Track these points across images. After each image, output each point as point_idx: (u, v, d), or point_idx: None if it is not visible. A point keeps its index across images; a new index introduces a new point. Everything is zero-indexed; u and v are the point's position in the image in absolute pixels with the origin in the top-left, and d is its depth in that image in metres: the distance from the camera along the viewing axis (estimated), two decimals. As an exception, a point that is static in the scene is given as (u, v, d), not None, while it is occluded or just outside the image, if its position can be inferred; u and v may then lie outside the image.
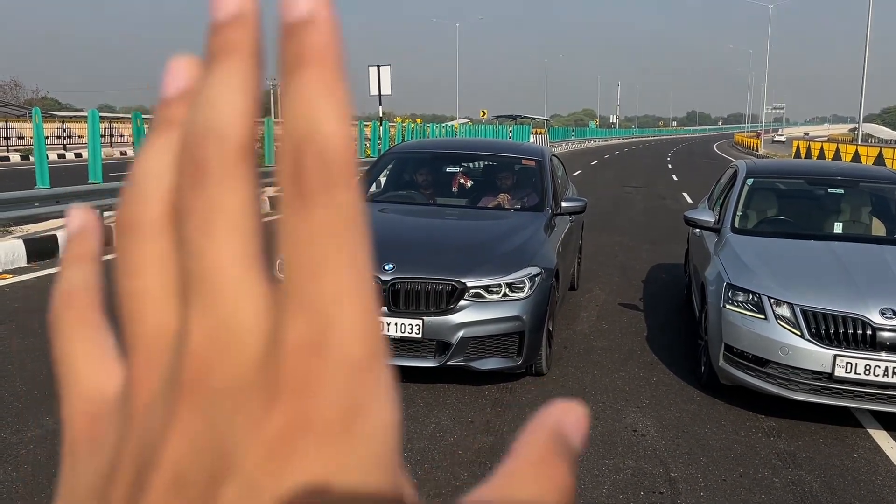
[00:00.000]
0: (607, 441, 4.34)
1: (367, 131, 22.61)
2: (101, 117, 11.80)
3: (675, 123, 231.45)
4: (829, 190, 6.41)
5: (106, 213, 10.78)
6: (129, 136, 31.22)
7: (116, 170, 19.23)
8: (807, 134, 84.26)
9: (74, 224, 0.24)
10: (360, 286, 0.19)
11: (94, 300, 0.23)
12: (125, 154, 31.71)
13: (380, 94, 21.77)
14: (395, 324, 4.81)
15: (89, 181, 11.00)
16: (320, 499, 0.18)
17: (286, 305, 0.19)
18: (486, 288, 4.91)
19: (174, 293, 0.20)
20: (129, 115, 16.01)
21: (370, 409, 0.18)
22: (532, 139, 43.32)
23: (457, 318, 4.82)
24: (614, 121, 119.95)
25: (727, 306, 4.88)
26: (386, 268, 4.88)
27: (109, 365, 0.22)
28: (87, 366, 0.22)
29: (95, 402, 0.22)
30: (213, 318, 0.19)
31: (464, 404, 4.78)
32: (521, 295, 4.97)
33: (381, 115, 23.07)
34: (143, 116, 12.69)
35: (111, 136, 37.80)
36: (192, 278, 0.19)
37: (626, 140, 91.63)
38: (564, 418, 0.22)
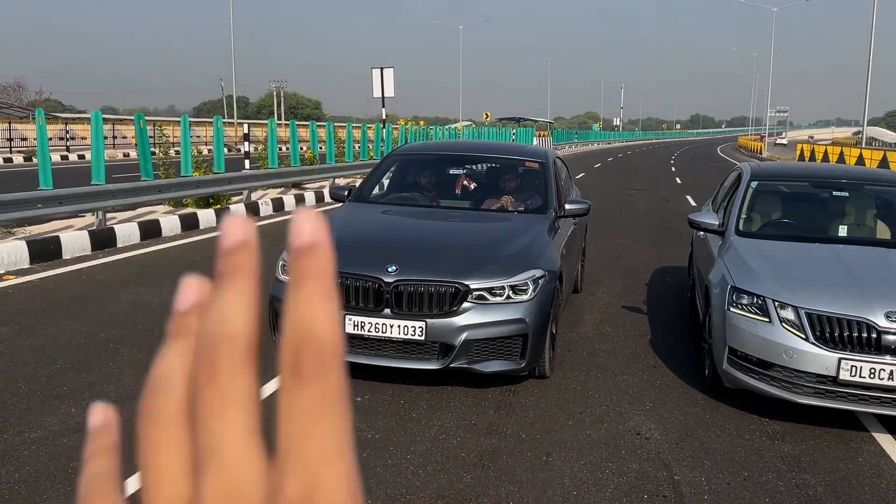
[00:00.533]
0: (611, 444, 4.32)
1: (371, 133, 22.60)
2: (104, 119, 11.80)
3: (678, 126, 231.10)
4: (834, 193, 6.39)
5: (109, 216, 10.79)
6: (132, 137, 31.25)
7: (119, 171, 19.26)
8: (811, 137, 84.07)
9: (96, 420, 0.28)
10: (343, 450, 0.24)
11: (116, 487, 0.27)
12: (128, 155, 31.76)
13: (383, 97, 21.76)
14: (399, 326, 4.80)
15: (92, 183, 11.00)
16: None
17: (283, 466, 0.24)
18: (490, 290, 4.90)
19: (189, 470, 0.25)
20: (132, 117, 16.00)
21: None
22: (535, 141, 43.30)
23: (460, 320, 4.81)
24: (618, 123, 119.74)
25: (731, 309, 4.86)
26: (389, 270, 4.87)
27: None
28: None
29: None
30: (223, 481, 0.24)
31: (467, 407, 4.77)
32: (525, 297, 4.96)
33: (384, 117, 23.05)
34: (146, 118, 12.69)
35: (114, 137, 37.85)
36: (205, 452, 0.24)
37: (629, 143, 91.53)
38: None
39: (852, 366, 4.38)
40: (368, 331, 4.82)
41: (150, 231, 10.66)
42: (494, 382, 5.13)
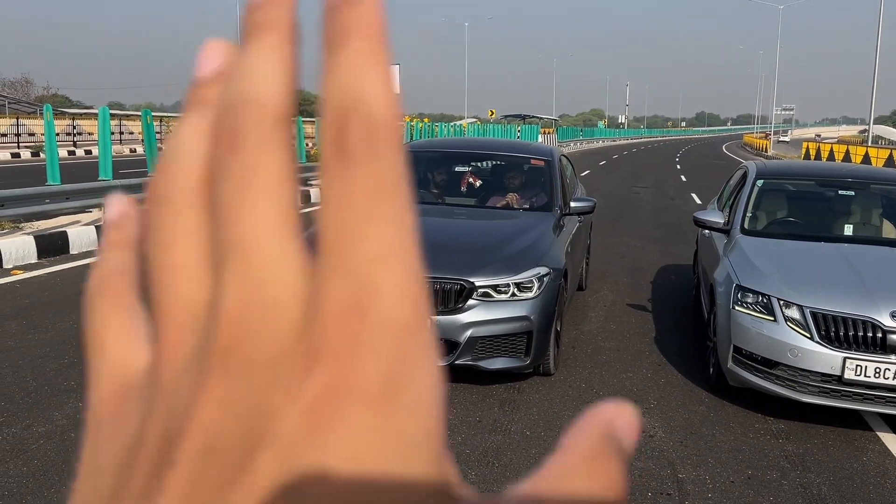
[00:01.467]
0: (615, 442, 4.33)
1: (376, 130, 22.53)
2: (111, 115, 11.85)
3: (684, 124, 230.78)
4: (840, 192, 6.38)
5: (116, 210, 10.82)
6: (139, 133, 31.35)
7: (126, 167, 19.34)
8: (818, 135, 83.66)
9: (113, 211, 0.24)
10: (403, 247, 0.18)
11: (130, 283, 0.22)
12: (135, 151, 31.85)
13: (390, 53, 21.73)
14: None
15: (100, 178, 11.05)
16: (358, 473, 0.17)
17: (325, 268, 0.18)
18: (495, 287, 4.91)
19: (207, 265, 0.19)
20: (138, 113, 16.06)
21: (414, 377, 0.18)
22: (540, 139, 43.29)
23: (465, 317, 4.82)
24: (623, 121, 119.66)
25: (736, 308, 4.87)
26: (395, 267, 4.87)
27: (141, 346, 0.22)
28: (118, 346, 0.22)
29: (124, 378, 0.21)
30: (248, 282, 0.18)
31: (471, 403, 4.79)
32: (530, 295, 4.97)
33: (389, 113, 23.09)
34: (153, 114, 12.74)
35: (121, 133, 37.95)
36: (226, 244, 0.18)
37: (634, 140, 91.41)
38: (616, 418, 0.21)
39: (857, 365, 4.38)
40: (373, 327, 4.83)
41: (157, 227, 10.68)
42: (499, 379, 5.14)
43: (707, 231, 6.57)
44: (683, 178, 26.64)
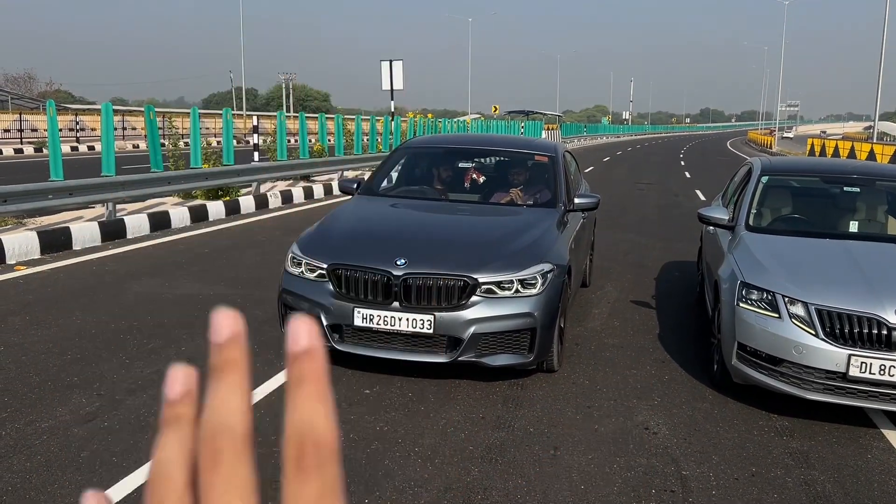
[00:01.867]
0: (619, 439, 4.32)
1: (379, 126, 22.59)
2: (114, 110, 11.84)
3: (688, 120, 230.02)
4: (845, 188, 6.35)
5: (119, 207, 10.83)
6: (142, 129, 31.34)
7: (129, 162, 19.31)
8: (824, 132, 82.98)
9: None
10: None
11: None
12: (137, 147, 31.85)
13: (392, 89, 21.74)
14: (407, 319, 4.80)
15: (102, 174, 11.05)
16: None
17: None
18: (498, 284, 4.90)
19: None
20: (141, 109, 16.01)
21: None
22: (544, 135, 43.18)
23: (468, 313, 4.81)
24: (627, 117, 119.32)
25: (741, 304, 4.85)
26: (398, 263, 4.87)
27: None
28: None
29: None
30: None
31: (475, 400, 4.78)
32: (533, 291, 4.95)
33: (392, 109, 23.04)
34: (156, 110, 12.72)
35: (124, 129, 37.95)
36: None
37: (638, 136, 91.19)
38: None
39: (862, 362, 4.36)
40: (377, 324, 4.83)
41: (160, 222, 10.70)
42: (502, 376, 5.13)
43: (711, 228, 6.55)
44: (688, 175, 26.58)
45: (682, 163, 34.94)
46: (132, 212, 11.15)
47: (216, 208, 12.09)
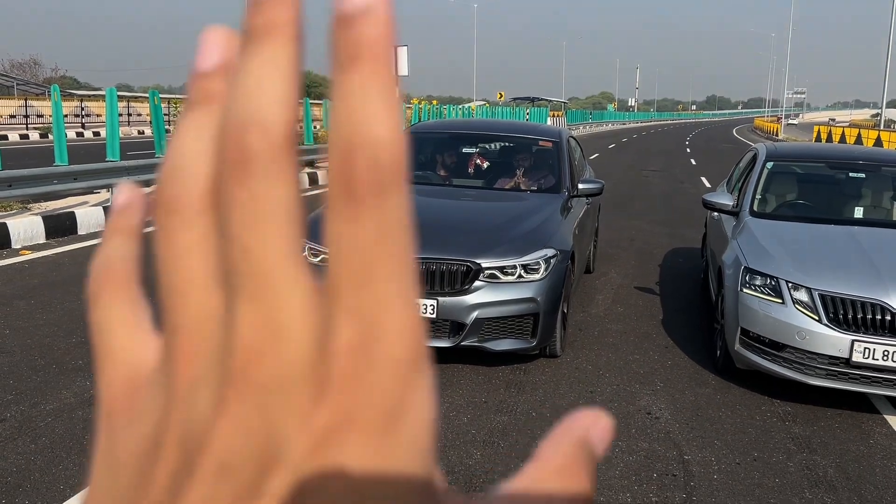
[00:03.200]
0: (621, 423, 4.33)
1: (384, 112, 22.50)
2: (119, 96, 11.85)
3: (694, 107, 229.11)
4: (851, 174, 6.32)
5: (124, 192, 10.84)
6: (147, 115, 31.33)
7: (134, 148, 19.35)
8: (832, 120, 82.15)
9: (120, 198, 0.24)
10: (407, 292, 0.19)
11: (132, 273, 0.23)
12: (143, 133, 31.86)
13: (396, 75, 21.65)
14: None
15: (107, 159, 11.06)
16: (361, 488, 0.19)
17: (335, 308, 0.19)
18: (502, 269, 4.90)
19: (217, 280, 0.20)
20: (146, 95, 16.03)
21: (411, 409, 0.19)
22: (549, 121, 43.07)
23: (471, 298, 4.82)
24: (632, 104, 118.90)
25: (744, 290, 4.84)
26: (401, 247, 4.87)
27: (146, 337, 0.23)
28: (124, 336, 0.23)
29: (132, 371, 0.22)
30: (262, 312, 0.19)
31: (477, 385, 4.79)
32: (537, 276, 4.95)
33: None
34: (161, 95, 12.72)
35: (129, 114, 37.96)
36: (238, 271, 0.19)
37: (644, 123, 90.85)
38: (591, 427, 0.23)
39: (865, 348, 4.36)
40: (380, 308, 4.83)
41: (164, 208, 10.70)
42: (505, 361, 5.14)
43: (716, 213, 6.53)
44: (693, 162, 26.49)
45: (688, 150, 34.81)
46: (137, 197, 11.15)
47: (220, 194, 12.10)
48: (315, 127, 20.07)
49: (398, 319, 0.19)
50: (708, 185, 17.56)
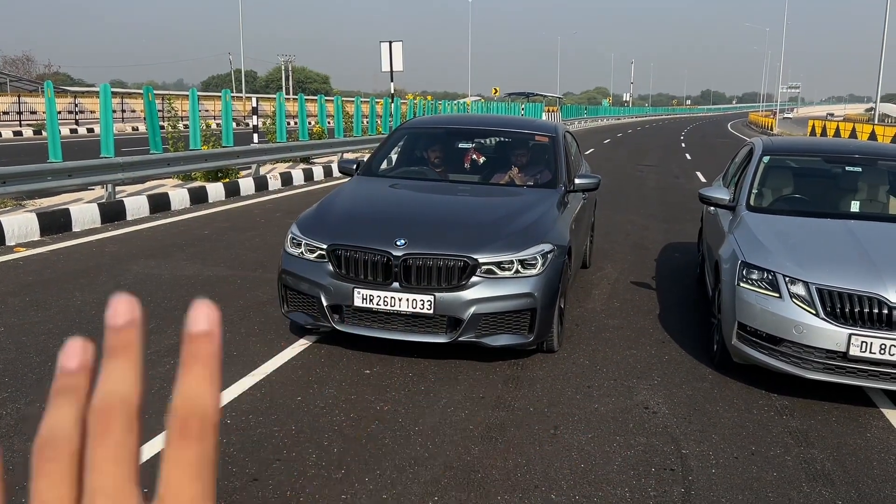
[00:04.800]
0: (619, 418, 4.33)
1: (379, 108, 22.49)
2: (112, 92, 11.78)
3: (688, 102, 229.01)
4: (847, 168, 6.32)
5: (118, 189, 10.80)
6: (141, 111, 31.18)
7: (128, 145, 19.24)
8: (830, 114, 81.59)
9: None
10: (211, 500, 0.32)
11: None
12: (137, 129, 31.72)
13: (391, 71, 21.63)
14: (407, 299, 4.80)
15: (101, 155, 11.00)
16: None
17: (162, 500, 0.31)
18: (499, 264, 4.89)
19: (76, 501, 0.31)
20: (140, 91, 15.89)
21: None
22: (544, 117, 43.00)
23: (468, 294, 4.80)
24: (627, 99, 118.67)
25: (741, 284, 4.84)
26: (398, 243, 4.86)
27: None
28: None
29: None
30: None
31: (475, 380, 4.78)
32: (534, 272, 4.94)
33: (392, 91, 22.92)
34: (155, 91, 12.66)
35: (123, 111, 37.79)
36: (94, 492, 0.31)
37: (639, 118, 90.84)
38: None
39: (863, 341, 4.36)
40: (377, 304, 4.82)
41: (160, 204, 10.67)
42: (502, 356, 5.14)
43: (712, 208, 6.53)
44: (688, 157, 26.50)
45: (683, 145, 34.82)
46: (131, 193, 11.11)
47: (216, 190, 12.06)
48: (309, 123, 20.01)
49: None
50: (703, 179, 17.57)
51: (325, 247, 5.01)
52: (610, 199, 12.87)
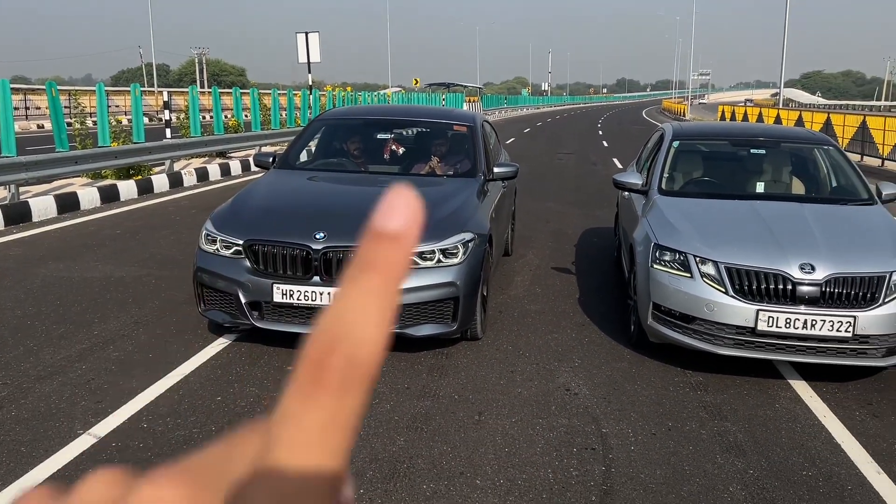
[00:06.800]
0: (541, 401, 4.40)
1: (297, 100, 22.13)
2: (13, 88, 11.21)
3: (605, 90, 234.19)
4: (752, 151, 6.58)
5: (23, 189, 10.29)
6: (46, 108, 29.79)
7: (33, 143, 18.37)
8: (749, 100, 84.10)
9: None
10: (333, 481, 0.22)
11: None
12: (42, 127, 30.25)
13: (308, 62, 21.31)
14: (328, 293, 4.75)
15: (2, 154, 10.46)
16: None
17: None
18: (420, 254, 4.89)
19: None
20: (44, 87, 15.13)
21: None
22: (465, 107, 43.19)
23: (390, 285, 4.78)
24: (546, 88, 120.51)
25: (655, 266, 4.98)
26: (317, 236, 4.80)
27: None
28: None
29: None
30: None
31: (400, 371, 4.77)
32: (455, 261, 4.96)
33: (310, 83, 22.60)
34: (61, 87, 12.10)
35: (26, 108, 35.97)
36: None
37: (558, 107, 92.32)
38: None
39: (769, 316, 4.55)
40: (298, 299, 4.76)
41: (68, 204, 10.23)
42: (427, 346, 5.15)
43: (627, 193, 6.69)
44: (605, 144, 27.10)
45: (600, 132, 35.58)
46: (37, 194, 10.62)
47: (127, 188, 11.65)
48: (225, 116, 19.53)
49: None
50: (619, 165, 17.99)
51: (241, 242, 4.90)
52: (530, 187, 13.05)
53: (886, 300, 4.55)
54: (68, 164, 10.89)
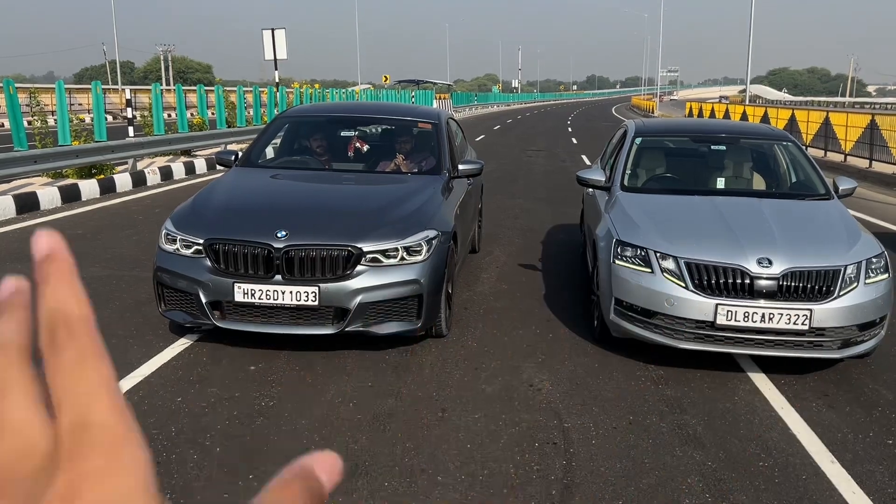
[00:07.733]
0: (504, 397, 4.42)
1: (264, 97, 21.94)
2: (-31, 85, 10.97)
3: (575, 87, 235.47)
4: (713, 147, 6.66)
5: (-20, 188, 10.05)
6: (2, 105, 29.25)
7: (-8, 142, 17.95)
8: (724, 97, 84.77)
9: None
10: (108, 386, 0.29)
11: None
12: (2, 126, 29.68)
13: (275, 59, 21.13)
14: (291, 292, 4.72)
15: (-41, 154, 10.24)
16: None
17: (58, 413, 0.29)
18: (383, 252, 4.88)
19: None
20: (1, 84, 14.84)
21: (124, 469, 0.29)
22: (435, 104, 43.15)
23: (354, 283, 4.77)
24: (516, 85, 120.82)
25: (616, 262, 5.03)
26: (279, 235, 4.76)
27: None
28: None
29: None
30: (10, 440, 0.28)
31: (364, 369, 4.76)
32: (419, 258, 4.96)
33: (276, 80, 22.42)
34: (21, 85, 11.87)
35: (-13, 106, 35.23)
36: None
37: (528, 104, 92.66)
38: (320, 466, 0.34)
39: (728, 310, 4.62)
40: (259, 298, 4.72)
41: (27, 204, 10.04)
42: (392, 344, 5.14)
43: (591, 189, 6.74)
44: (574, 141, 27.26)
45: (570, 129, 35.79)
46: (-4, 194, 10.41)
47: (89, 187, 11.46)
48: (190, 114, 19.31)
49: (105, 402, 0.29)
50: (588, 162, 18.10)
51: (201, 241, 4.85)
52: (500, 184, 13.09)
53: (841, 293, 4.64)
54: (27, 163, 10.69)
